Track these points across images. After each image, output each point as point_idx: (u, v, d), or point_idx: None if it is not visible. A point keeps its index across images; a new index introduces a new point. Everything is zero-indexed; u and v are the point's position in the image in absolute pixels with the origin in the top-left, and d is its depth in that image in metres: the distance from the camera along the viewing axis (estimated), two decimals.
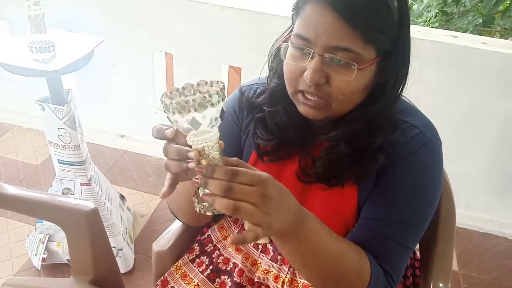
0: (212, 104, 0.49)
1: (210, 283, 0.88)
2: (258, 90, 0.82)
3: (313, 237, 0.62)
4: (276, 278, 0.85)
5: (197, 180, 0.54)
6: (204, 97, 0.48)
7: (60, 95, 1.40)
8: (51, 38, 1.38)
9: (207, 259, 0.92)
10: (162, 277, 0.92)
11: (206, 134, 0.51)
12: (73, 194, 1.47)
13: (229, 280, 0.88)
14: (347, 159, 0.71)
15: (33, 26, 1.34)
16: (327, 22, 0.61)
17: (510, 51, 1.62)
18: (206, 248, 0.94)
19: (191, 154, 0.53)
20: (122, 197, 1.77)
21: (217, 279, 0.89)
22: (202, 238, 0.97)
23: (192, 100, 0.48)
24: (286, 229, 0.58)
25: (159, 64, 2.12)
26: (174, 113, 0.49)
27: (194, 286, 0.88)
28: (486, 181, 1.92)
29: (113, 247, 1.51)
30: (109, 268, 1.10)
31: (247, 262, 0.89)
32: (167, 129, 0.55)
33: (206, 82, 0.53)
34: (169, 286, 0.90)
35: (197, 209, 0.57)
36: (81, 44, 1.46)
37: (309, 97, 0.66)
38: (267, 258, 0.86)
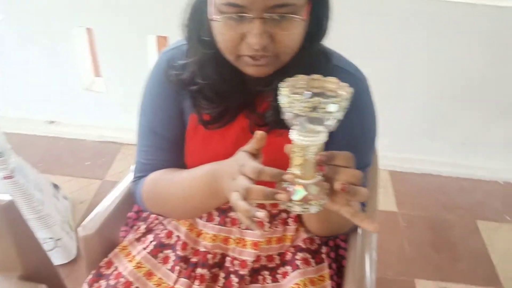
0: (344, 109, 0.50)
1: (153, 259, 0.86)
2: (184, 48, 0.78)
3: None
4: (226, 240, 0.85)
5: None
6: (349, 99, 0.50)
7: None
8: None
9: (152, 236, 0.90)
10: (106, 258, 0.88)
11: (321, 135, 0.52)
12: None
13: (172, 254, 0.86)
14: None
15: None
16: None
17: None
18: (150, 225, 0.92)
19: (288, 177, 0.54)
20: (55, 186, 1.68)
21: (160, 254, 0.86)
22: (145, 215, 0.94)
23: (342, 100, 0.49)
24: None
25: (79, 41, 1.99)
26: (306, 110, 0.48)
27: (136, 263, 0.85)
28: (418, 124, 2.01)
29: (49, 238, 1.45)
30: (39, 261, 1.04)
31: (191, 233, 0.87)
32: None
33: (319, 78, 0.54)
34: (113, 266, 0.87)
35: (298, 210, 0.55)
36: None
37: (258, 58, 0.65)
38: (214, 224, 0.86)
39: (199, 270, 0.83)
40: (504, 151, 2.03)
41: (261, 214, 0.52)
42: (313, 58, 0.72)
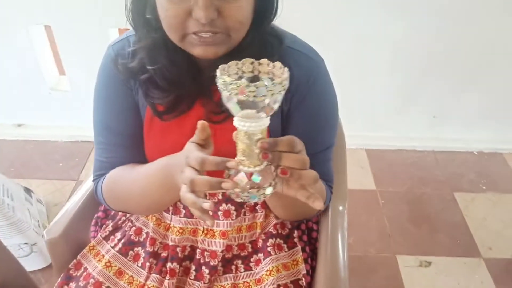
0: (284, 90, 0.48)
1: (123, 257, 0.84)
2: (132, 39, 0.75)
3: None
4: (194, 232, 0.83)
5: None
6: (283, 84, 0.47)
7: None
8: None
9: (119, 233, 0.88)
10: (75, 260, 0.86)
11: (260, 121, 0.50)
12: None
13: (142, 251, 0.84)
14: None
15: None
16: None
17: None
18: (118, 222, 0.90)
19: (231, 164, 0.52)
20: (27, 190, 1.64)
21: (130, 252, 0.85)
22: (113, 212, 0.92)
23: (272, 84, 0.46)
24: None
25: (39, 39, 1.92)
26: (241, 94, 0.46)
27: (106, 263, 0.83)
28: (388, 102, 2.02)
29: (24, 243, 1.42)
30: (12, 270, 1.01)
31: (159, 228, 0.86)
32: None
33: (268, 64, 0.52)
34: (82, 268, 0.85)
35: (242, 199, 0.53)
36: None
37: (205, 35, 0.62)
38: (180, 217, 0.84)
39: (169, 265, 0.81)
40: (475, 122, 2.05)
41: (207, 205, 0.50)
42: (264, 40, 0.69)
